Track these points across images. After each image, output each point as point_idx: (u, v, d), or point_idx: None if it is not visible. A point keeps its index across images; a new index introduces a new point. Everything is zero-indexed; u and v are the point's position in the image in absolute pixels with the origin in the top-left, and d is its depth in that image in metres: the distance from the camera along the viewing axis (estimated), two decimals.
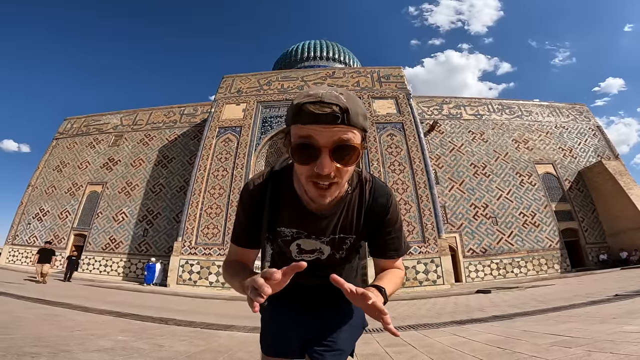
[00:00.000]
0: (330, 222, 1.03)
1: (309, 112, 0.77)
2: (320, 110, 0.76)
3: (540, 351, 2.64)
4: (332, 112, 0.77)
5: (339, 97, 0.79)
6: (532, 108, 25.11)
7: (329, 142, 0.79)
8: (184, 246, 17.20)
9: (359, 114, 0.81)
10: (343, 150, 0.80)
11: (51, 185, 23.80)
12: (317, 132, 0.78)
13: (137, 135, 24.94)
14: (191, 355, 3.10)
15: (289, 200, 1.03)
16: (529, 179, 21.43)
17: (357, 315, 1.24)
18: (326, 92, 0.79)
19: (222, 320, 5.74)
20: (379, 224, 1.08)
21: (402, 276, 1.16)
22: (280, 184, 1.05)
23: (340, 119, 0.78)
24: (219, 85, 23.40)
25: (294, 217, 1.04)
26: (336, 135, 0.79)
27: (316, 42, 35.55)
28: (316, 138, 0.79)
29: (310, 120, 0.78)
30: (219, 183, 18.94)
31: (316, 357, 1.11)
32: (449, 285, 15.37)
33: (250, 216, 1.07)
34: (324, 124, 0.77)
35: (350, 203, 1.04)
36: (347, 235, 1.08)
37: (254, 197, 1.05)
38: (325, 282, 1.22)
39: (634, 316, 3.85)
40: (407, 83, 22.34)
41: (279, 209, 1.05)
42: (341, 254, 1.12)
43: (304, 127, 0.79)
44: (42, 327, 3.86)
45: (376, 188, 1.07)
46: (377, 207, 1.06)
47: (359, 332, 1.26)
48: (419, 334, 4.12)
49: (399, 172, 18.53)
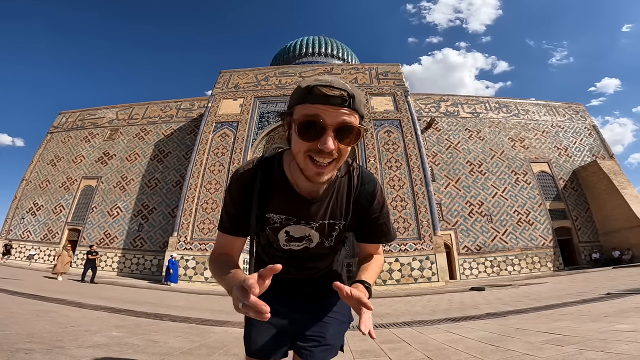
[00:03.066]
0: (320, 206, 1.05)
1: (319, 93, 0.84)
2: (330, 92, 0.84)
3: (532, 349, 2.67)
4: (341, 95, 0.85)
5: (346, 85, 0.87)
6: (529, 107, 25.22)
7: (334, 122, 0.85)
8: (179, 241, 17.14)
9: (361, 103, 0.90)
10: (346, 131, 0.87)
11: (45, 180, 23.60)
12: (325, 111, 0.85)
13: (133, 129, 24.74)
14: (186, 351, 3.10)
15: (279, 186, 1.05)
16: (524, 177, 21.57)
17: (343, 310, 1.25)
18: (335, 79, 0.88)
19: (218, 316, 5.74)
20: (367, 210, 1.11)
21: (382, 262, 1.21)
22: (270, 170, 1.07)
23: (347, 102, 0.86)
24: (216, 80, 23.25)
25: (284, 202, 1.05)
26: (341, 116, 0.86)
27: (314, 38, 35.36)
28: (323, 117, 0.85)
29: (320, 101, 0.85)
30: (215, 178, 18.87)
31: (305, 353, 1.10)
32: (443, 283, 15.49)
33: (238, 202, 1.07)
34: (332, 105, 0.84)
35: (340, 188, 1.07)
36: (336, 221, 1.09)
37: (243, 183, 1.06)
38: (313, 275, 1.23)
39: (625, 315, 3.90)
40: (405, 80, 22.33)
41: (268, 195, 1.06)
42: (330, 241, 1.13)
43: (312, 106, 0.86)
44: (35, 323, 3.83)
45: (363, 175, 1.12)
46: (365, 193, 1.10)
47: (346, 327, 1.26)
48: (414, 331, 4.14)
49: (396, 168, 18.57)
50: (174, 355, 2.92)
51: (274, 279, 1.18)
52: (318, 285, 1.24)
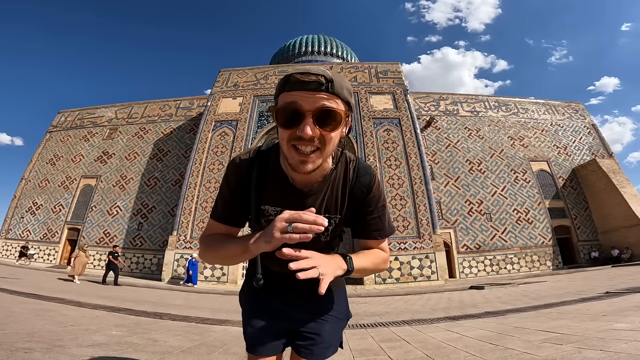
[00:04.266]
0: (315, 200, 1.04)
1: (295, 80, 0.84)
2: (306, 78, 0.83)
3: (531, 348, 2.68)
4: (317, 80, 0.83)
5: (325, 70, 0.85)
6: (529, 105, 25.19)
7: (312, 108, 0.84)
8: (179, 240, 17.15)
9: (343, 87, 0.87)
10: (326, 116, 0.85)
11: (45, 179, 23.56)
12: (302, 97, 0.83)
13: (132, 128, 24.69)
14: (186, 349, 3.10)
15: (276, 178, 1.04)
16: (524, 176, 21.58)
17: (340, 307, 1.24)
18: (316, 67, 0.86)
19: (217, 315, 5.75)
20: (362, 203, 1.09)
21: (384, 257, 1.16)
22: (267, 161, 1.06)
23: (324, 86, 0.83)
24: (215, 79, 23.20)
25: (280, 195, 1.04)
26: (319, 101, 0.84)
27: (314, 37, 35.29)
28: (300, 103, 0.83)
29: (295, 87, 0.84)
30: (215, 177, 18.85)
31: (304, 352, 1.10)
32: (443, 281, 15.50)
33: (235, 192, 1.06)
34: (308, 90, 0.83)
35: (335, 181, 1.06)
36: (332, 215, 1.08)
37: (240, 173, 1.05)
38: None
39: (624, 314, 3.91)
40: (404, 79, 22.29)
41: (264, 187, 1.05)
42: (326, 236, 1.11)
43: (289, 93, 0.85)
44: (35, 322, 3.84)
45: (359, 167, 1.09)
46: (361, 185, 1.08)
47: (344, 324, 1.25)
48: (413, 329, 4.15)
49: (395, 167, 18.56)
50: (173, 354, 2.92)
51: (270, 275, 1.18)
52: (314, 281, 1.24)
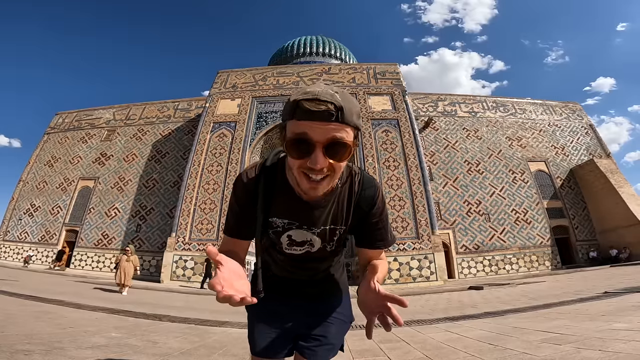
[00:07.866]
0: (322, 212, 1.05)
1: (305, 109, 0.80)
2: (315, 107, 0.79)
3: (530, 348, 2.68)
4: (327, 109, 0.79)
5: (334, 96, 0.81)
6: (526, 106, 25.31)
7: (322, 139, 0.81)
8: (177, 242, 17.11)
9: (352, 113, 0.84)
10: (336, 147, 0.83)
11: (42, 181, 23.50)
12: (311, 128, 0.81)
13: (130, 130, 24.67)
14: (185, 351, 3.10)
15: (283, 191, 1.05)
16: (522, 176, 21.66)
17: (345, 310, 1.26)
18: (322, 90, 0.81)
19: (217, 317, 5.73)
20: (367, 215, 1.11)
21: (388, 267, 1.21)
22: (274, 175, 1.07)
23: (334, 116, 0.80)
24: (213, 80, 23.21)
25: (287, 207, 1.06)
26: (330, 132, 0.81)
27: (312, 38, 35.35)
28: (310, 134, 0.81)
29: (305, 117, 0.80)
30: (213, 178, 18.83)
31: (308, 352, 1.11)
32: (442, 282, 15.52)
33: (243, 207, 1.07)
34: (318, 121, 0.80)
35: (341, 195, 1.07)
36: (337, 226, 1.10)
37: (247, 188, 1.06)
38: (313, 276, 1.24)
39: (622, 314, 3.92)
40: (402, 80, 22.36)
41: (272, 199, 1.06)
42: (331, 245, 1.14)
43: (299, 123, 0.82)
44: (34, 324, 3.82)
45: (364, 180, 1.11)
46: (366, 198, 1.09)
47: (347, 327, 1.27)
48: (413, 330, 4.15)
49: (394, 168, 18.59)
50: (173, 355, 2.92)
51: (276, 279, 1.20)
52: (319, 285, 1.25)
